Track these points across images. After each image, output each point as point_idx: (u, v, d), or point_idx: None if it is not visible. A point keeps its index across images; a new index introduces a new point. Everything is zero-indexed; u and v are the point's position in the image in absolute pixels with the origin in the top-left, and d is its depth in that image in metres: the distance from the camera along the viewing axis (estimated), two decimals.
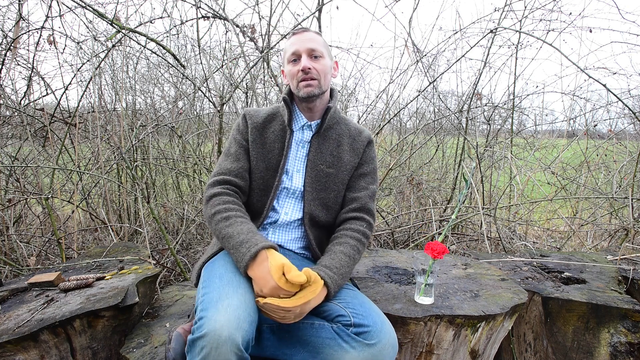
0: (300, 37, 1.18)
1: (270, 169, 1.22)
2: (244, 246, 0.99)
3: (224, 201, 1.12)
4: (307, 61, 1.15)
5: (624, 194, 2.73)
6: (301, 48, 1.16)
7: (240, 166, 1.21)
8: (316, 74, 1.16)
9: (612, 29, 2.43)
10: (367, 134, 1.30)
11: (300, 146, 1.24)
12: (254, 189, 1.23)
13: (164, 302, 1.52)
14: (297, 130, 1.24)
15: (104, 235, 2.69)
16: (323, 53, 1.18)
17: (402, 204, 3.28)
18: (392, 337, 0.94)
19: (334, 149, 1.25)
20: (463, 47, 3.09)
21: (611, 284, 1.56)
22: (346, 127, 1.29)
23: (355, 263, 1.12)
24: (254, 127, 1.24)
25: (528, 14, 2.62)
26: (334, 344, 0.92)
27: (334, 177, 1.24)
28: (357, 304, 0.99)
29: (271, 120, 1.26)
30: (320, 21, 2.29)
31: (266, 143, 1.24)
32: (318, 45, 1.17)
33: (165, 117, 3.25)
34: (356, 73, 3.54)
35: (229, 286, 0.93)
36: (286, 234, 1.24)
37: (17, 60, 2.50)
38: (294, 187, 1.22)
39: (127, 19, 2.55)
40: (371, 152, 1.30)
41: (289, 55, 1.18)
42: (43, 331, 1.11)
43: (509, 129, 3.16)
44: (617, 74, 2.70)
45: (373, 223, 1.23)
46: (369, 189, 1.26)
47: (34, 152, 2.51)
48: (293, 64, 1.18)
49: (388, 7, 2.50)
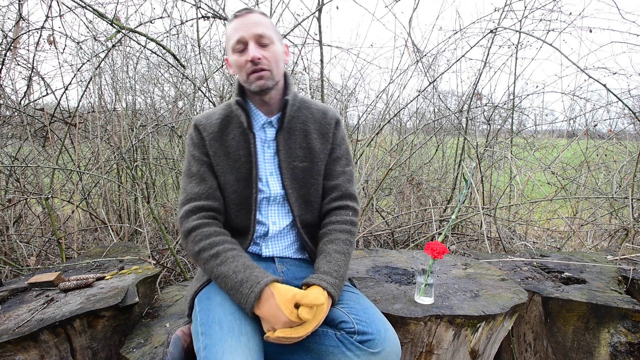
0: (245, 20, 1.04)
1: (242, 179, 1.12)
2: (245, 286, 0.92)
3: (206, 235, 1.03)
4: (256, 50, 1.02)
5: (624, 194, 2.73)
6: (247, 34, 1.02)
7: (209, 186, 1.11)
8: (267, 64, 1.04)
9: (612, 29, 2.43)
10: (332, 114, 1.20)
11: (266, 147, 1.14)
12: (229, 204, 1.14)
13: (164, 302, 1.52)
14: (258, 130, 1.14)
15: (104, 235, 2.69)
16: (273, 38, 1.06)
17: (402, 204, 3.28)
18: (395, 345, 0.93)
19: (302, 141, 1.15)
20: (463, 47, 3.09)
21: (611, 284, 1.56)
22: (309, 112, 1.18)
23: (350, 257, 1.10)
24: (212, 138, 1.12)
25: (528, 14, 2.62)
26: (337, 352, 0.91)
27: (310, 171, 1.16)
28: (360, 309, 0.98)
29: (227, 125, 1.14)
30: (320, 21, 2.29)
31: (229, 152, 1.12)
32: (266, 29, 1.04)
33: (165, 117, 3.25)
34: (356, 73, 3.53)
35: (231, 335, 0.87)
36: (280, 243, 1.18)
37: (17, 60, 2.50)
38: (274, 193, 1.13)
39: (127, 19, 2.55)
40: (341, 133, 1.21)
41: (233, 43, 1.04)
42: (43, 331, 1.11)
43: (509, 129, 3.16)
44: (617, 74, 2.70)
45: (358, 207, 1.19)
46: (346, 173, 1.20)
47: (34, 152, 2.51)
48: (239, 53, 1.05)
49: (388, 7, 2.50)
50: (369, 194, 2.95)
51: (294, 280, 1.11)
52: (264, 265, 1.14)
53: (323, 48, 2.33)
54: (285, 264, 1.17)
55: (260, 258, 1.17)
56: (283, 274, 1.13)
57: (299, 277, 1.11)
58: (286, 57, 1.15)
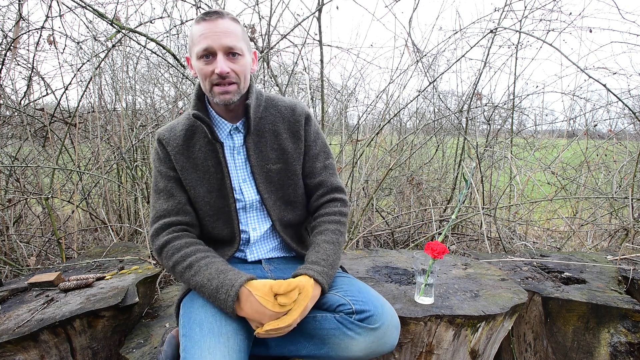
0: (214, 27, 0.96)
1: (214, 190, 1.09)
2: (221, 292, 0.91)
3: (177, 248, 1.01)
4: (225, 63, 0.97)
5: (624, 194, 2.73)
6: (216, 45, 0.96)
7: (178, 201, 1.08)
8: (235, 78, 1.00)
9: (612, 29, 2.43)
10: (300, 109, 1.15)
11: (236, 153, 1.11)
12: (203, 216, 1.12)
13: (164, 302, 1.52)
14: (225, 138, 1.10)
15: (104, 235, 2.70)
16: (243, 49, 1.00)
17: (402, 204, 3.28)
18: (394, 318, 0.95)
19: (273, 142, 1.12)
20: (463, 47, 3.09)
21: (611, 284, 1.56)
22: (276, 110, 1.14)
23: (341, 246, 1.10)
24: (177, 152, 1.09)
25: (528, 14, 2.62)
26: (338, 333, 0.92)
27: (285, 172, 1.14)
28: (355, 290, 0.99)
29: (192, 136, 1.10)
30: (320, 21, 2.29)
31: (197, 165, 1.09)
32: (237, 40, 0.98)
33: (165, 117, 3.25)
34: (356, 73, 3.53)
35: (210, 336, 0.87)
36: (263, 247, 1.18)
37: (17, 60, 2.50)
38: (249, 200, 1.11)
39: (127, 19, 2.55)
40: (313, 128, 1.17)
41: (199, 50, 0.97)
42: (43, 331, 1.11)
43: (509, 129, 3.16)
44: (617, 74, 2.70)
45: (346, 198, 1.18)
46: (327, 167, 1.18)
47: (34, 152, 2.51)
48: (205, 60, 0.98)
49: (388, 7, 2.50)
50: (369, 194, 2.95)
51: (282, 276, 1.12)
52: (250, 267, 1.15)
53: (323, 48, 2.33)
54: (272, 263, 1.17)
55: (247, 262, 1.17)
56: (271, 272, 1.14)
57: (288, 272, 1.12)
58: (254, 66, 1.10)
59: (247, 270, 1.10)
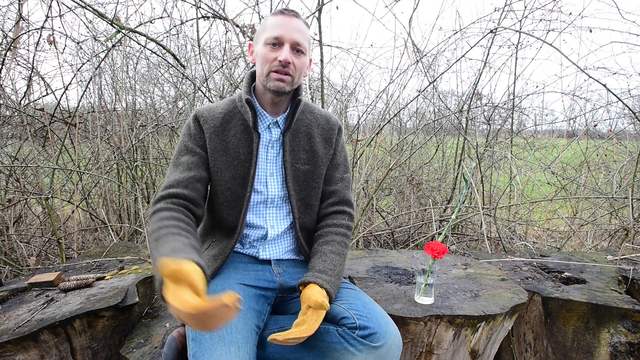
0: (289, 22, 1.05)
1: (238, 177, 1.10)
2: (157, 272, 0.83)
3: (160, 218, 0.97)
4: (289, 54, 1.04)
5: (624, 194, 2.73)
6: (287, 36, 1.04)
7: (191, 176, 1.07)
8: (293, 71, 1.06)
9: (612, 29, 2.44)
10: (334, 121, 1.22)
11: (270, 147, 1.14)
12: (222, 202, 1.12)
13: (164, 302, 1.52)
14: (263, 130, 1.13)
15: (104, 235, 2.70)
16: (306, 49, 1.08)
17: (402, 204, 3.29)
18: (397, 338, 0.94)
19: (306, 144, 1.16)
20: (463, 47, 3.09)
21: (611, 284, 1.56)
22: (312, 116, 1.19)
23: (345, 258, 1.11)
24: (213, 132, 1.10)
25: (528, 14, 2.62)
26: (340, 347, 0.91)
27: (312, 174, 1.16)
28: (359, 305, 0.98)
29: (230, 120, 1.13)
30: (320, 21, 2.29)
31: (229, 149, 1.11)
32: (304, 40, 1.07)
33: (165, 117, 3.25)
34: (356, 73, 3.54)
35: (221, 344, 0.85)
36: (278, 247, 1.17)
37: (17, 60, 2.50)
38: (272, 195, 1.13)
39: (127, 19, 2.55)
40: (342, 140, 1.24)
41: (269, 37, 1.04)
42: (43, 331, 1.11)
43: (509, 129, 3.16)
44: (617, 74, 2.70)
45: (354, 213, 1.21)
46: (344, 179, 1.22)
47: (34, 152, 2.51)
48: (272, 47, 1.04)
49: (388, 7, 2.50)
50: (369, 194, 2.95)
51: (291, 281, 1.12)
52: (259, 267, 1.14)
53: (323, 48, 2.33)
54: (281, 265, 1.17)
55: (256, 260, 1.17)
56: (280, 275, 1.13)
57: (295, 278, 1.13)
58: (307, 70, 1.16)
59: (255, 272, 1.11)
